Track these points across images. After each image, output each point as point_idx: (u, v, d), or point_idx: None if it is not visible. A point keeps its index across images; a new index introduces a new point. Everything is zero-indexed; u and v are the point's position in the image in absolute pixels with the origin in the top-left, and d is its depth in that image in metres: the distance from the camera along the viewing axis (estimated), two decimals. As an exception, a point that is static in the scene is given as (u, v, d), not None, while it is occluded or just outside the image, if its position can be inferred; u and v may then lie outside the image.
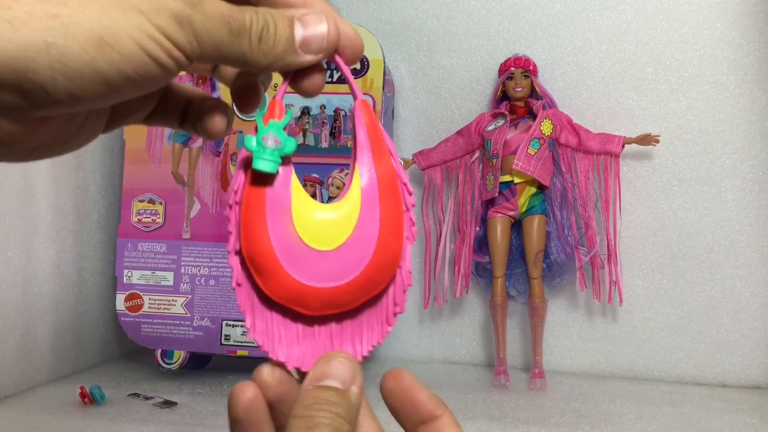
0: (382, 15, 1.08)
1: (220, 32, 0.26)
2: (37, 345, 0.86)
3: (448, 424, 0.29)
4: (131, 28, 0.24)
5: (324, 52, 0.28)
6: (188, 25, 0.25)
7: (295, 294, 0.28)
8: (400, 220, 0.29)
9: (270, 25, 0.27)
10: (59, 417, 0.75)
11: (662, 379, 0.98)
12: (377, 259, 0.29)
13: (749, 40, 0.96)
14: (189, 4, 0.25)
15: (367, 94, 0.94)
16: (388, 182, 0.29)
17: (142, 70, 0.25)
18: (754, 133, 0.96)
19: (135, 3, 0.24)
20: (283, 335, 0.29)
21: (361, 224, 0.29)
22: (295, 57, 0.28)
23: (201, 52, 0.26)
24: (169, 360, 0.93)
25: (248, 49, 0.27)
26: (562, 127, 0.97)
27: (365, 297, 0.29)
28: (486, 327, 1.04)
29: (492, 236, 0.96)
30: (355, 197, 0.29)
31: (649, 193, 0.99)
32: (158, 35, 0.24)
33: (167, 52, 0.25)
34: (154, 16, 0.24)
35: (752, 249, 0.96)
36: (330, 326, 0.29)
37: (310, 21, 0.28)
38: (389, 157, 0.29)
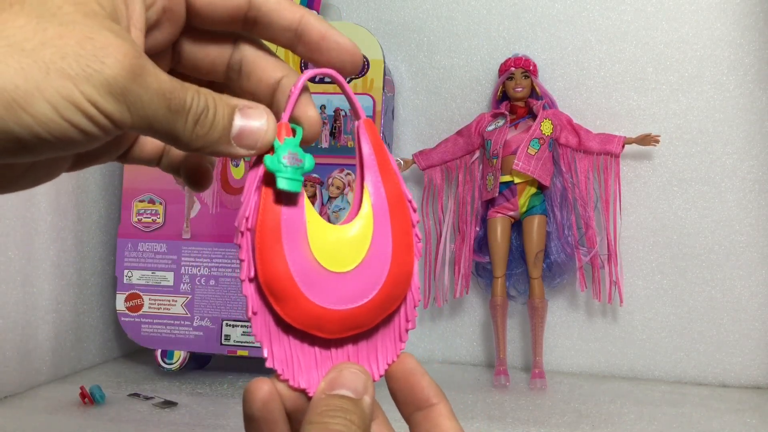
0: (382, 15, 1.08)
1: (156, 107, 0.25)
2: (37, 345, 0.86)
3: (443, 414, 0.29)
4: (49, 92, 0.23)
5: (256, 150, 0.28)
6: (122, 96, 0.24)
7: (314, 318, 0.28)
8: (410, 235, 0.29)
9: (210, 110, 0.27)
10: (59, 417, 0.75)
11: (662, 379, 0.98)
12: (393, 277, 0.29)
13: (749, 40, 0.96)
14: (128, 74, 0.24)
15: (367, 94, 0.94)
16: (397, 200, 0.29)
17: (60, 134, 0.23)
18: (754, 133, 0.96)
19: (63, 65, 0.23)
20: (302, 361, 0.29)
21: (375, 243, 0.29)
22: (227, 147, 0.27)
23: (132, 123, 0.24)
24: (169, 360, 0.93)
25: (182, 129, 0.26)
26: (562, 127, 0.97)
27: (382, 316, 0.29)
28: (486, 327, 1.04)
29: (492, 236, 0.96)
30: (366, 216, 0.29)
31: (649, 193, 0.99)
32: (83, 102, 0.23)
33: (91, 119, 0.23)
34: (82, 82, 0.23)
35: (752, 249, 0.96)
36: (347, 348, 0.29)
37: (251, 114, 0.28)
38: (396, 175, 0.30)
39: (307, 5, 0.99)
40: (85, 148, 0.25)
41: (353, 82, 0.94)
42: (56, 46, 0.23)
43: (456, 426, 0.29)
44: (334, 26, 0.32)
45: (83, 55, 0.23)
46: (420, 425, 0.29)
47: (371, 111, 0.94)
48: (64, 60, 0.23)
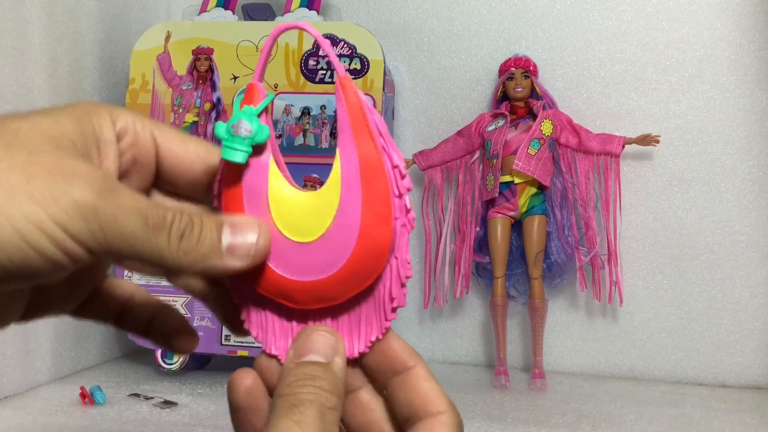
0: (382, 15, 1.08)
1: (133, 225, 0.23)
2: (37, 345, 0.86)
3: (421, 376, 0.28)
4: (15, 216, 0.22)
5: (252, 260, 0.26)
6: (93, 215, 0.22)
7: (280, 288, 0.27)
8: (387, 206, 0.26)
9: (195, 225, 0.25)
10: (59, 417, 0.75)
11: (662, 380, 0.98)
12: (361, 250, 0.26)
13: (749, 40, 0.96)
14: (99, 194, 0.23)
15: (367, 95, 0.94)
16: (372, 165, 0.26)
17: (21, 261, 0.22)
18: (754, 133, 0.96)
19: (30, 189, 0.22)
20: (277, 329, 0.28)
21: (341, 212, 0.26)
22: (221, 260, 0.25)
23: (107, 245, 0.23)
24: (169, 360, 0.93)
25: (166, 246, 0.24)
26: (563, 127, 0.97)
27: (353, 290, 0.27)
28: (486, 327, 1.04)
29: (492, 236, 0.96)
30: (334, 183, 0.27)
31: (650, 194, 0.99)
32: (51, 226, 0.22)
33: (58, 245, 0.22)
34: (50, 204, 0.22)
35: (752, 249, 0.96)
36: (325, 322, 0.28)
37: (240, 228, 0.26)
38: (372, 138, 0.27)
39: (307, 6, 0.99)
40: (49, 279, 0.23)
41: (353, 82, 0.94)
42: (23, 171, 0.22)
43: (435, 387, 0.28)
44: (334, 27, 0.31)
45: (51, 179, 0.22)
46: (396, 392, 0.28)
47: (371, 111, 0.94)
48: (30, 183, 0.22)
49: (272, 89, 0.96)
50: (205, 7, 1.02)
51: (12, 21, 0.81)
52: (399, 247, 0.27)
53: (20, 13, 0.82)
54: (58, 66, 0.89)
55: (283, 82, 0.95)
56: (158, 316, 0.31)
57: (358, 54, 0.94)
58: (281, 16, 1.00)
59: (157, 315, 0.31)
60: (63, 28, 0.90)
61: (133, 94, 0.98)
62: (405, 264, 0.27)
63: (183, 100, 0.98)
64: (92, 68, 0.96)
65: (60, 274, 0.23)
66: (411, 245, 1.08)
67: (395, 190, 0.27)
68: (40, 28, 0.85)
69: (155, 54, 0.98)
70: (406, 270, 0.27)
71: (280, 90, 0.95)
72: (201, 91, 0.98)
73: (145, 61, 0.98)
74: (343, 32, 0.95)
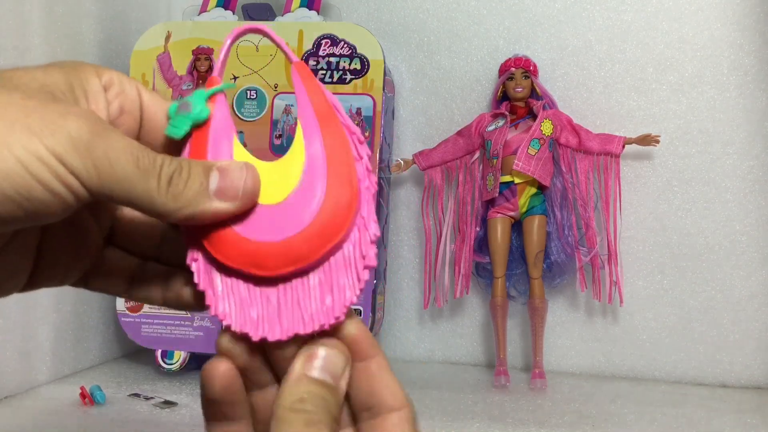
0: (382, 15, 1.08)
1: (124, 165, 0.24)
2: (37, 345, 0.86)
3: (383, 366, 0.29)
4: (15, 146, 0.22)
5: (240, 201, 0.27)
6: (86, 150, 0.23)
7: (249, 254, 0.27)
8: (351, 168, 0.28)
9: (183, 169, 0.26)
10: (59, 417, 0.75)
11: (663, 380, 0.98)
12: (329, 206, 0.27)
13: (750, 40, 0.96)
14: (91, 130, 0.23)
15: (367, 95, 0.94)
16: (335, 134, 0.29)
17: (26, 192, 0.22)
18: (754, 133, 0.96)
19: (27, 121, 0.23)
20: (246, 304, 0.28)
21: (306, 175, 0.28)
22: (208, 203, 0.26)
23: (100, 183, 0.24)
24: (169, 360, 0.93)
25: (155, 189, 0.25)
26: (563, 127, 0.97)
27: (323, 246, 0.27)
28: (486, 327, 1.04)
29: (492, 236, 0.96)
30: (298, 151, 0.28)
31: (650, 194, 0.99)
32: (49, 157, 0.23)
33: (58, 177, 0.23)
34: (47, 136, 0.23)
35: (752, 249, 0.96)
36: (295, 288, 0.28)
37: (228, 168, 0.27)
38: (333, 112, 0.29)
39: (307, 6, 0.99)
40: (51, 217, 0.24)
41: (353, 82, 0.94)
42: (20, 107, 0.23)
43: (395, 379, 0.28)
44: (334, 27, 0.33)
45: (46, 114, 0.23)
46: (357, 380, 0.28)
47: (371, 111, 0.94)
48: (28, 117, 0.23)
49: (273, 89, 0.96)
50: (205, 7, 1.02)
51: (12, 21, 0.81)
52: (364, 207, 0.28)
53: (20, 13, 0.82)
54: (58, 66, 0.89)
55: (283, 82, 0.95)
56: (172, 281, 0.31)
57: (358, 54, 0.94)
58: (281, 16, 1.00)
59: (171, 280, 0.31)
60: (63, 28, 0.90)
61: (133, 94, 0.98)
62: (372, 223, 0.28)
63: (183, 100, 0.98)
64: (92, 68, 0.96)
65: (64, 211, 0.24)
66: (411, 245, 1.08)
67: (356, 155, 0.28)
68: (40, 28, 0.85)
69: (155, 54, 0.98)
70: (374, 229, 0.28)
71: (280, 90, 0.95)
72: (201, 91, 0.98)
73: (145, 61, 0.98)
74: (343, 32, 0.95)
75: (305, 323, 0.28)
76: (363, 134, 0.31)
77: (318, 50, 0.95)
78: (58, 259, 0.30)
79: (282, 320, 0.28)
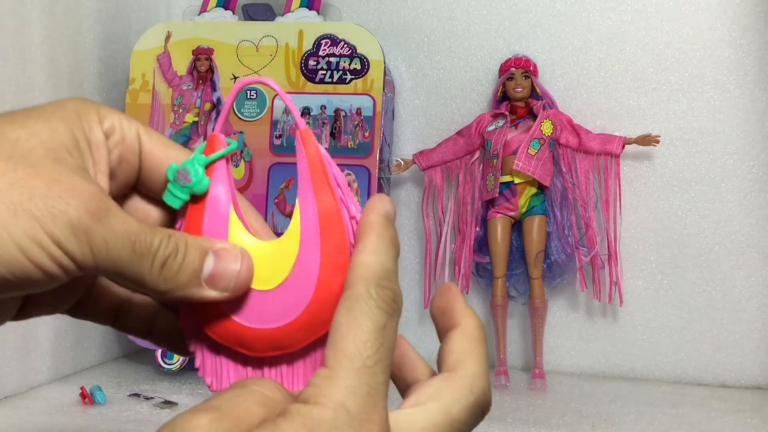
0: (382, 15, 1.08)
1: (120, 249, 0.25)
2: (37, 345, 0.86)
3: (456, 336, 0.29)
4: (16, 232, 0.23)
5: (231, 292, 0.27)
6: (85, 236, 0.24)
7: (237, 336, 0.27)
8: (345, 255, 0.27)
9: (179, 252, 0.26)
10: (59, 417, 0.75)
11: (662, 380, 0.98)
12: (319, 299, 0.27)
13: (750, 40, 0.96)
14: (93, 215, 0.24)
15: (367, 95, 0.94)
16: (330, 217, 0.27)
17: (21, 273, 0.23)
18: (754, 133, 0.96)
19: (30, 206, 0.23)
20: (232, 376, 0.28)
21: (300, 262, 0.27)
22: (198, 290, 0.26)
23: (95, 264, 0.24)
24: (169, 360, 0.93)
25: (148, 272, 0.25)
26: (563, 127, 0.97)
27: (310, 338, 0.27)
28: (486, 327, 1.03)
29: (492, 237, 0.96)
30: (294, 233, 0.27)
31: (650, 194, 0.99)
32: (48, 243, 0.23)
33: (54, 260, 0.24)
34: (47, 222, 0.23)
35: (752, 249, 0.96)
36: (281, 368, 0.28)
37: (224, 256, 0.27)
38: (331, 190, 0.27)
39: (307, 6, 0.99)
40: (43, 288, 0.25)
41: (353, 82, 0.94)
42: (24, 187, 0.23)
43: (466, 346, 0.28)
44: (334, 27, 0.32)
45: (50, 197, 0.24)
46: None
47: (371, 111, 0.94)
48: (30, 201, 0.23)
49: (273, 90, 0.96)
50: (205, 7, 1.02)
51: (12, 21, 0.81)
52: None
53: (20, 13, 0.82)
54: (58, 66, 0.89)
55: (283, 82, 0.95)
56: (160, 316, 0.31)
57: (358, 54, 0.94)
58: (281, 16, 1.00)
59: (159, 315, 0.31)
60: (63, 28, 0.90)
61: (133, 94, 0.98)
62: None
63: (183, 100, 0.98)
64: (92, 68, 0.96)
65: (53, 285, 0.25)
66: (411, 245, 1.08)
67: (352, 240, 0.27)
68: (40, 28, 0.85)
69: (155, 54, 0.98)
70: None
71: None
72: (201, 92, 0.98)
73: (145, 61, 0.98)
74: (343, 32, 0.95)
75: None
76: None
77: (318, 50, 0.95)
78: (47, 294, 0.30)
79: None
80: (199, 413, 0.23)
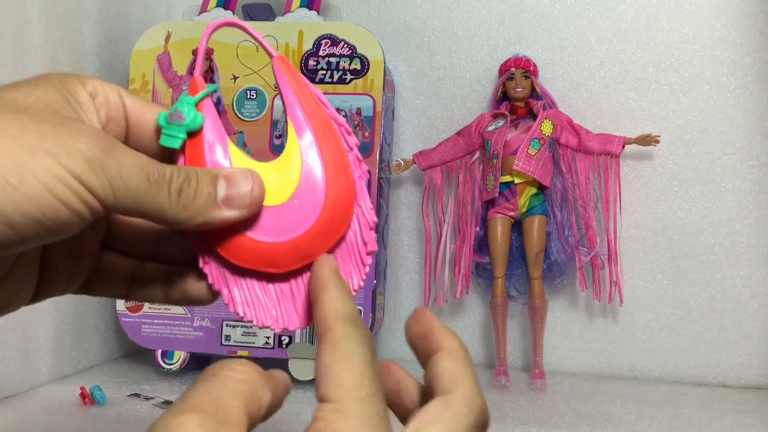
0: (382, 15, 1.08)
1: (136, 180, 0.25)
2: (37, 345, 0.86)
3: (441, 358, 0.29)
4: (38, 170, 0.23)
5: (248, 209, 0.28)
6: (101, 169, 0.24)
7: (263, 255, 0.29)
8: (345, 159, 0.29)
9: (192, 179, 0.27)
10: (59, 417, 0.75)
11: (663, 380, 0.98)
12: (331, 200, 0.29)
13: (750, 40, 0.96)
14: (103, 149, 0.24)
15: (367, 95, 0.94)
16: (324, 128, 0.30)
17: (51, 213, 0.24)
18: (754, 133, 0.96)
19: (44, 146, 0.23)
20: (263, 299, 0.29)
21: (305, 172, 0.29)
22: (217, 211, 0.27)
23: (116, 199, 0.25)
24: (169, 360, 0.93)
25: (167, 201, 0.26)
26: (563, 127, 0.97)
27: (332, 240, 0.29)
28: (486, 327, 1.04)
29: (492, 236, 0.96)
30: (292, 148, 0.29)
31: (650, 194, 0.99)
32: (69, 178, 0.24)
33: (79, 197, 0.24)
34: (64, 158, 0.24)
35: (752, 249, 0.96)
36: (306, 279, 0.29)
37: (234, 179, 0.28)
38: (319, 105, 0.30)
39: (307, 6, 0.99)
40: (71, 231, 0.25)
41: (353, 82, 0.94)
42: (34, 131, 0.24)
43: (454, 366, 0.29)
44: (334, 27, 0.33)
45: (59, 136, 0.24)
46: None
47: (371, 111, 0.94)
48: (43, 141, 0.24)
49: (273, 89, 0.96)
50: (205, 7, 1.02)
51: (12, 21, 0.81)
52: (360, 196, 0.30)
53: (20, 13, 0.82)
54: (58, 66, 0.89)
55: (283, 82, 0.95)
56: (174, 277, 0.32)
57: (358, 54, 0.94)
58: (281, 16, 1.00)
59: (173, 276, 0.32)
60: (63, 28, 0.90)
61: (133, 94, 0.98)
62: (369, 210, 0.30)
63: (183, 100, 0.98)
64: (92, 68, 0.96)
65: (80, 226, 0.25)
66: (411, 245, 1.08)
67: (346, 146, 0.30)
68: (40, 28, 0.85)
69: (155, 54, 0.98)
70: (372, 216, 0.30)
71: (280, 90, 0.95)
72: (201, 91, 0.98)
73: (145, 61, 0.98)
74: (343, 32, 0.95)
75: None
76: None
77: (318, 50, 0.95)
78: (60, 269, 0.31)
79: (298, 310, 0.29)
80: (181, 415, 0.23)
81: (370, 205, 0.30)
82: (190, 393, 0.24)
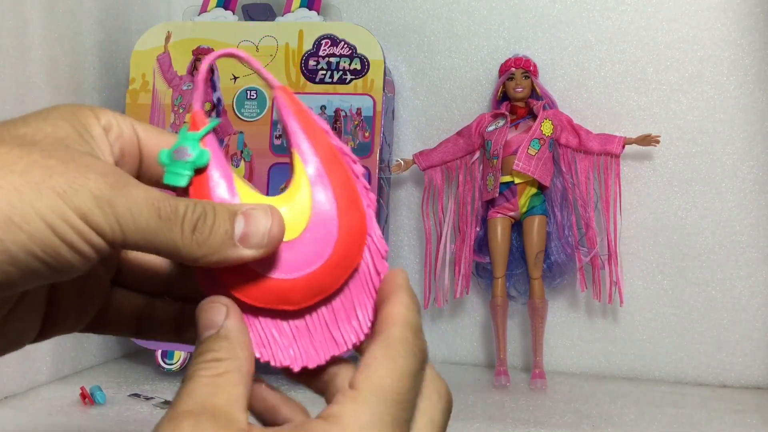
0: (383, 15, 1.08)
1: (146, 217, 0.24)
2: (37, 345, 0.85)
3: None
4: (43, 209, 0.23)
5: (266, 248, 0.27)
6: (109, 207, 0.24)
7: (276, 293, 0.28)
8: (354, 190, 0.29)
9: (209, 215, 0.26)
10: (59, 417, 0.75)
11: (663, 380, 0.98)
12: (344, 232, 0.28)
13: (750, 40, 0.96)
14: (112, 185, 0.24)
15: (367, 95, 0.94)
16: (331, 158, 0.29)
17: (55, 253, 0.23)
18: (754, 133, 0.96)
19: (52, 184, 0.23)
20: (279, 339, 0.28)
21: (316, 205, 0.28)
22: (233, 250, 0.26)
23: (125, 236, 0.24)
24: (169, 360, 0.93)
25: (179, 238, 0.25)
26: (563, 127, 0.97)
27: (346, 273, 0.28)
28: (486, 327, 1.04)
29: (492, 237, 0.96)
30: (301, 182, 0.29)
31: (650, 194, 0.99)
32: (74, 218, 0.23)
33: (83, 237, 0.23)
34: (71, 196, 0.23)
35: (752, 249, 0.96)
36: (321, 314, 0.29)
37: (254, 216, 0.27)
38: (325, 136, 0.29)
39: (307, 6, 0.99)
40: (76, 271, 0.24)
41: (353, 82, 0.94)
42: (43, 167, 0.23)
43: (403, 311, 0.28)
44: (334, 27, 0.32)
45: (68, 173, 0.23)
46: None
47: (371, 111, 0.94)
48: (51, 178, 0.23)
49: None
50: (205, 7, 1.02)
51: (12, 21, 0.81)
52: (370, 225, 0.29)
53: (20, 13, 0.82)
54: (58, 66, 0.89)
55: (283, 82, 0.94)
56: (187, 314, 0.31)
57: (358, 54, 0.94)
58: (281, 16, 1.00)
59: (186, 314, 0.31)
60: (63, 28, 0.90)
61: (133, 95, 0.98)
62: (380, 239, 0.29)
63: (183, 101, 0.98)
64: (92, 68, 0.96)
65: (86, 265, 0.24)
66: (411, 245, 1.08)
67: (354, 174, 0.29)
68: (40, 28, 0.85)
69: (155, 54, 0.98)
70: (383, 245, 0.29)
71: (280, 90, 0.95)
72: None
73: (145, 61, 0.98)
74: (343, 32, 0.95)
75: (338, 344, 0.29)
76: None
77: (318, 50, 0.95)
78: (68, 306, 0.30)
79: (316, 346, 0.29)
80: (171, 422, 0.23)
81: (380, 233, 0.29)
82: (183, 394, 0.24)
